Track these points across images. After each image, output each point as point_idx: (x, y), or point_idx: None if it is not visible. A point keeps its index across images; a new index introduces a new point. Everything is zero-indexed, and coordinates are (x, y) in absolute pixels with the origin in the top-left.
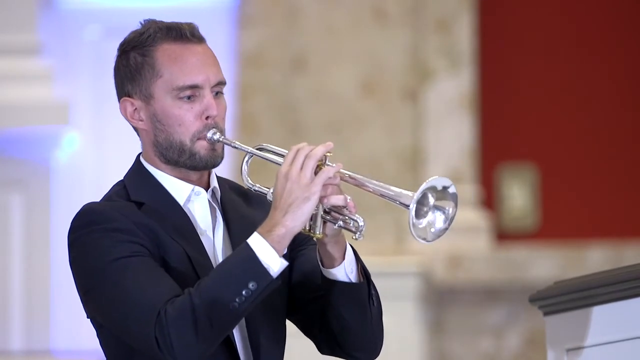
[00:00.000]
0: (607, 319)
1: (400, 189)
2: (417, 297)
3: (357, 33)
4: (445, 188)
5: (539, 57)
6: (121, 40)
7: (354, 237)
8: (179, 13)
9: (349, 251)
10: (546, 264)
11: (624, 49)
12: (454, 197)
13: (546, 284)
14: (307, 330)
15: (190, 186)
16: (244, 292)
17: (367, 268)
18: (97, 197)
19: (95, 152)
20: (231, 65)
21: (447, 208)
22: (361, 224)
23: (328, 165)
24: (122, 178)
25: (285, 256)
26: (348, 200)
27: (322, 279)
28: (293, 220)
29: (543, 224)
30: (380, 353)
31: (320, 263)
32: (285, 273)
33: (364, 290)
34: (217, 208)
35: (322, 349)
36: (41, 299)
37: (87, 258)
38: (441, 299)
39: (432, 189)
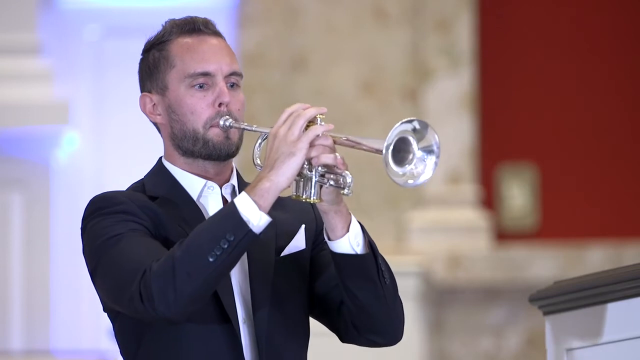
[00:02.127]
0: (607, 319)
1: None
2: (417, 297)
3: (357, 33)
4: (415, 128)
5: (539, 57)
6: (120, 40)
7: (342, 193)
8: (179, 13)
9: (355, 224)
10: (546, 264)
11: (624, 49)
12: (426, 125)
13: (546, 283)
14: (328, 322)
15: (204, 181)
16: (221, 243)
17: (374, 243)
18: None
19: (95, 151)
20: None
21: (432, 143)
22: (349, 180)
23: (320, 125)
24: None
25: (304, 251)
26: (338, 158)
27: (330, 254)
28: (277, 175)
29: (543, 224)
30: (381, 353)
31: (326, 238)
32: (305, 270)
33: (371, 262)
34: None
35: (343, 337)
36: (41, 299)
37: (90, 241)
38: (441, 299)
39: (406, 132)
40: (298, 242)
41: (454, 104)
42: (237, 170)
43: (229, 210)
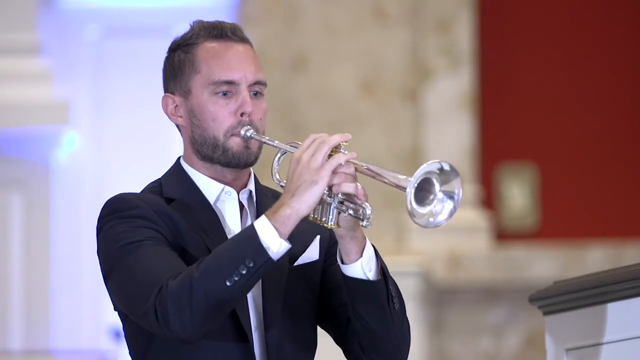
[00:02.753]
0: (607, 319)
1: (411, 177)
2: (417, 297)
3: (357, 33)
4: (442, 169)
5: (539, 57)
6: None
7: (361, 224)
8: (179, 13)
9: (369, 249)
10: (546, 264)
11: (624, 49)
12: (455, 172)
13: (546, 283)
14: (335, 336)
15: (221, 186)
16: (240, 269)
17: (387, 268)
18: (97, 197)
19: (95, 151)
20: None
21: (455, 190)
22: (368, 212)
23: (343, 153)
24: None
25: (317, 262)
26: (359, 188)
27: (342, 276)
28: (299, 202)
29: (543, 224)
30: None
31: (340, 260)
32: (317, 281)
33: (382, 288)
34: (248, 210)
35: (348, 354)
36: (41, 299)
37: (106, 244)
38: (441, 299)
39: (431, 173)
40: (312, 253)
41: (453, 104)
42: (254, 175)
43: (249, 235)
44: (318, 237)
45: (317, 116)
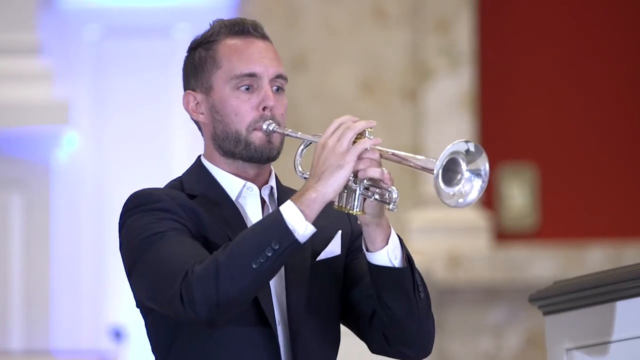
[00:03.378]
0: (607, 319)
1: (437, 158)
2: None
3: (357, 33)
4: (468, 150)
5: (539, 57)
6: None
7: (388, 208)
8: (179, 13)
9: (394, 237)
10: (546, 264)
11: (624, 49)
12: (480, 149)
13: (546, 283)
14: (359, 330)
15: (243, 181)
16: (266, 251)
17: (412, 257)
18: (97, 197)
19: (95, 151)
20: None
21: (481, 167)
22: (395, 195)
23: (368, 138)
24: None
25: (339, 257)
26: (385, 173)
27: (367, 265)
28: (325, 186)
29: (543, 224)
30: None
31: (365, 249)
32: (339, 276)
33: (407, 276)
34: (270, 206)
35: (372, 347)
36: (41, 299)
37: (129, 238)
38: (441, 299)
39: (457, 153)
40: (334, 248)
41: (454, 104)
42: (275, 174)
43: (275, 218)
44: (340, 232)
45: (317, 116)
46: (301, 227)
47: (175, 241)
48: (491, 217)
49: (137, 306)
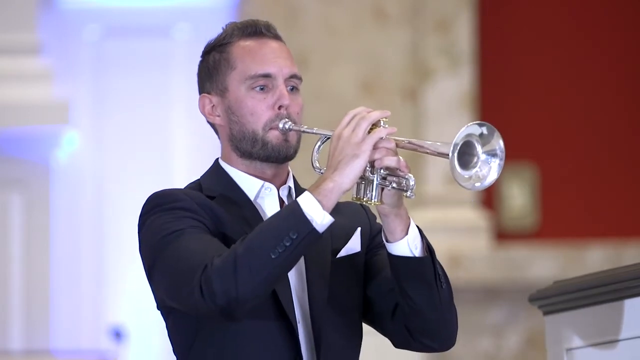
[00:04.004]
0: (607, 319)
1: (449, 142)
2: None
3: (357, 33)
4: (481, 133)
5: (539, 57)
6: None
7: (405, 195)
8: (179, 13)
9: (413, 227)
10: (546, 264)
11: (624, 49)
12: (492, 129)
13: (546, 283)
14: (382, 326)
15: (261, 182)
16: (284, 241)
17: (432, 247)
18: (97, 197)
19: (95, 151)
20: None
21: (496, 147)
22: (412, 182)
23: (383, 127)
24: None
25: (360, 254)
26: (401, 161)
27: (388, 256)
28: (341, 176)
29: (543, 224)
30: (381, 352)
31: (385, 240)
32: (360, 273)
33: (428, 266)
34: None
35: (396, 341)
36: (41, 299)
37: (148, 237)
38: None
39: (471, 135)
40: (354, 245)
41: (453, 103)
42: (292, 175)
43: (293, 208)
44: (359, 229)
45: (317, 116)
46: (319, 216)
47: (194, 238)
48: (491, 217)
49: (158, 308)
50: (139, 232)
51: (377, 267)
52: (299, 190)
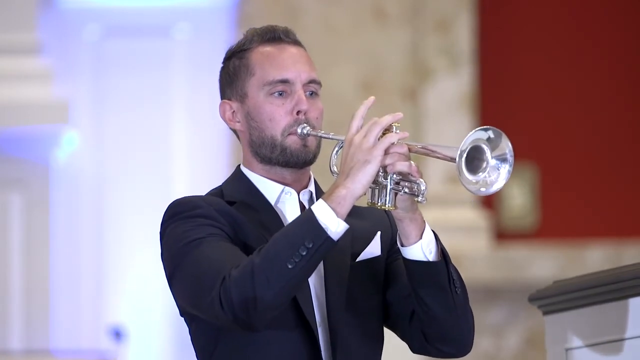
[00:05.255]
0: (606, 319)
1: (459, 146)
2: None
3: (357, 33)
4: (489, 137)
5: (539, 57)
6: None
7: (417, 200)
8: (179, 13)
9: (428, 231)
10: (546, 264)
11: (624, 49)
12: (499, 133)
13: (546, 283)
14: (400, 331)
15: (281, 186)
16: (300, 250)
17: (447, 251)
18: (97, 197)
19: (95, 151)
20: None
21: (505, 151)
22: (423, 187)
23: (395, 132)
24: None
25: (379, 258)
26: (413, 166)
27: (403, 260)
28: (353, 182)
29: (542, 224)
30: (381, 353)
31: (399, 244)
32: (380, 276)
33: (442, 270)
34: None
35: (413, 346)
36: (41, 298)
37: (169, 245)
38: None
39: (480, 140)
40: (373, 249)
41: (453, 103)
42: (314, 179)
43: (307, 217)
44: (379, 233)
45: None
46: (333, 224)
47: (214, 246)
48: (491, 217)
49: (181, 314)
50: (160, 240)
51: (396, 272)
52: (320, 194)
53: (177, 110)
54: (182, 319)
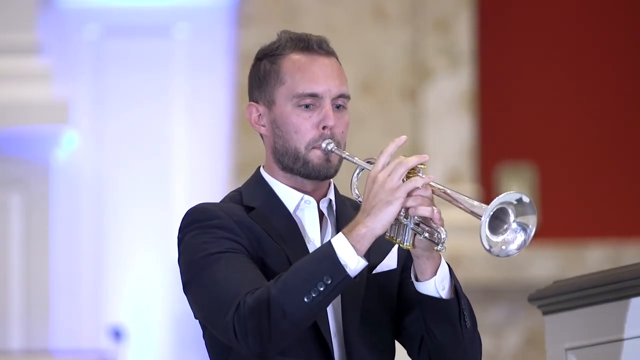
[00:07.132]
0: (606, 319)
1: (487, 205)
2: None
3: (357, 32)
4: (519, 201)
5: (539, 57)
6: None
7: (435, 249)
8: (179, 13)
9: (443, 268)
10: (545, 264)
11: (623, 49)
12: (532, 208)
13: (545, 283)
14: (410, 351)
15: (301, 194)
16: (318, 286)
17: (460, 287)
18: (97, 197)
19: (95, 151)
20: (230, 65)
21: (529, 224)
22: (443, 236)
23: (420, 176)
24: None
25: (395, 271)
26: (435, 212)
27: (415, 293)
28: (374, 221)
29: (542, 224)
30: None
31: (414, 278)
32: (394, 290)
33: (454, 307)
34: (328, 219)
35: None
36: (41, 298)
37: (187, 255)
38: None
39: (507, 203)
40: (390, 261)
41: (453, 103)
42: (334, 186)
43: (327, 252)
44: (396, 246)
45: None
46: (352, 262)
47: (231, 265)
48: None
49: (196, 318)
50: (178, 245)
51: (410, 291)
52: (340, 201)
53: (177, 110)
54: (182, 319)
